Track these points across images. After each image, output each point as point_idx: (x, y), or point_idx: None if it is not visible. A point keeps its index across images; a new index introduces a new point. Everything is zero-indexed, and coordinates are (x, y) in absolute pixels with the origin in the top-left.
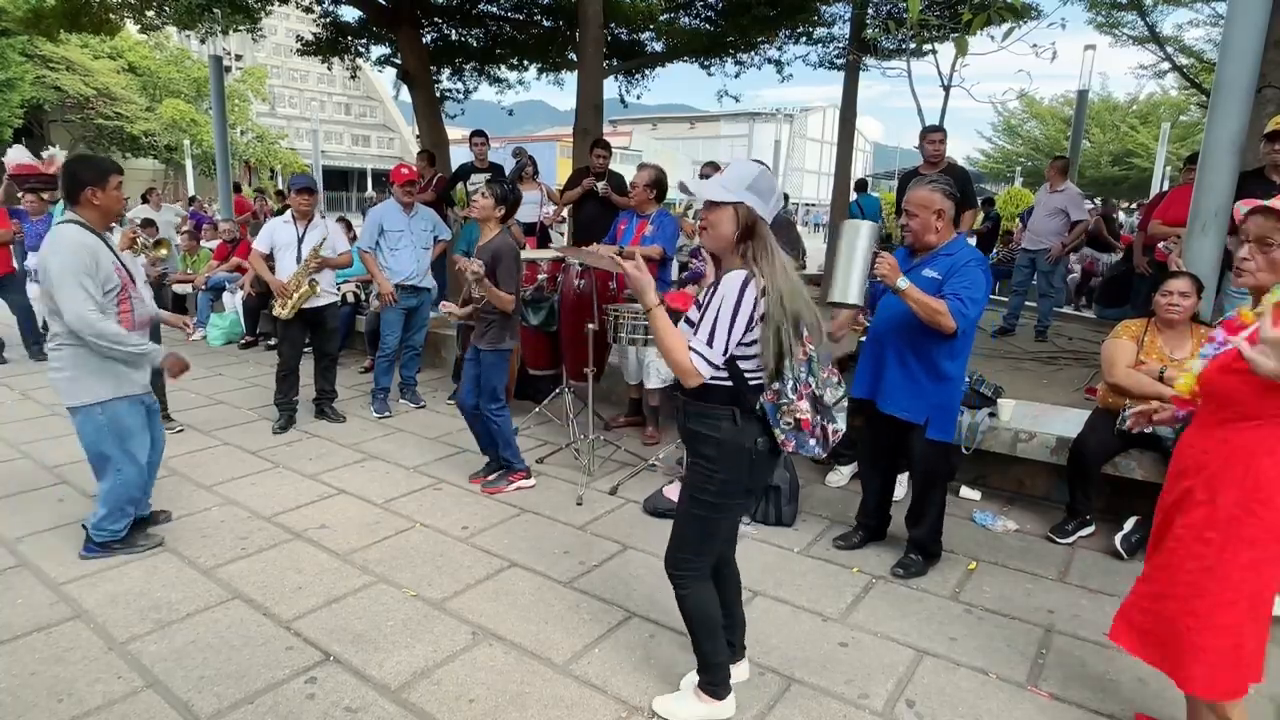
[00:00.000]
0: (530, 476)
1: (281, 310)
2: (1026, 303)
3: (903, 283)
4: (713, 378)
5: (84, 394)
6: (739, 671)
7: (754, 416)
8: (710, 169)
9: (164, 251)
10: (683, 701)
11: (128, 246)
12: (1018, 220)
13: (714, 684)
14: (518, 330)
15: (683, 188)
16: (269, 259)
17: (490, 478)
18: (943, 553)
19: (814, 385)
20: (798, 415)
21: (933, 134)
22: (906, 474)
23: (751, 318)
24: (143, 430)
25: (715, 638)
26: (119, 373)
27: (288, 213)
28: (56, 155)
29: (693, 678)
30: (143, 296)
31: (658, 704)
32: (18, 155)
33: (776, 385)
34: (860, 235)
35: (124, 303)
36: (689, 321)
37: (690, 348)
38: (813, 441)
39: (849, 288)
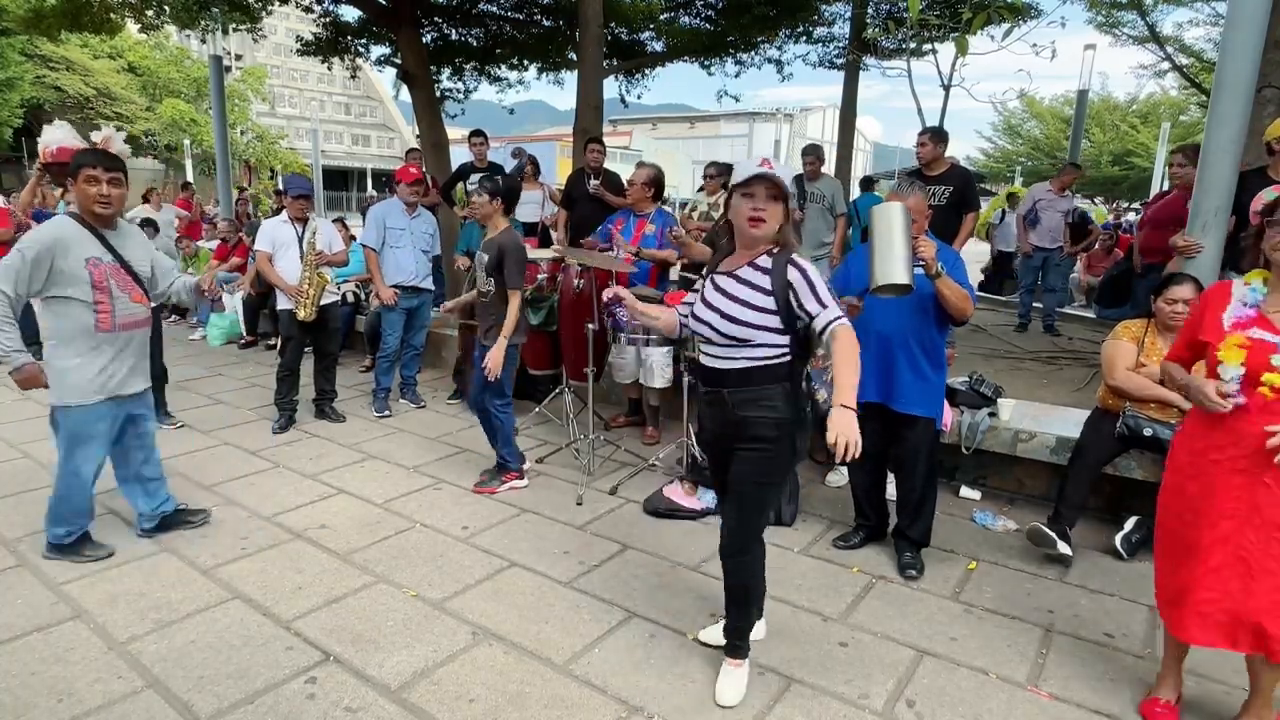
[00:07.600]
0: (524, 477)
1: (302, 312)
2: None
3: (942, 269)
4: (774, 356)
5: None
6: (758, 630)
7: (798, 386)
8: (715, 169)
9: None
10: (732, 678)
11: None
12: (1022, 219)
13: (745, 645)
14: (525, 326)
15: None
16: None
17: (483, 477)
18: (941, 551)
19: None
20: (829, 369)
21: (919, 136)
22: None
23: None
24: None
25: (761, 600)
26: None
27: (284, 212)
28: (112, 136)
29: (729, 664)
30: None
31: (725, 697)
32: (60, 136)
33: (821, 350)
34: (895, 217)
35: (101, 304)
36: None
37: (836, 321)
38: (827, 393)
39: (893, 268)
